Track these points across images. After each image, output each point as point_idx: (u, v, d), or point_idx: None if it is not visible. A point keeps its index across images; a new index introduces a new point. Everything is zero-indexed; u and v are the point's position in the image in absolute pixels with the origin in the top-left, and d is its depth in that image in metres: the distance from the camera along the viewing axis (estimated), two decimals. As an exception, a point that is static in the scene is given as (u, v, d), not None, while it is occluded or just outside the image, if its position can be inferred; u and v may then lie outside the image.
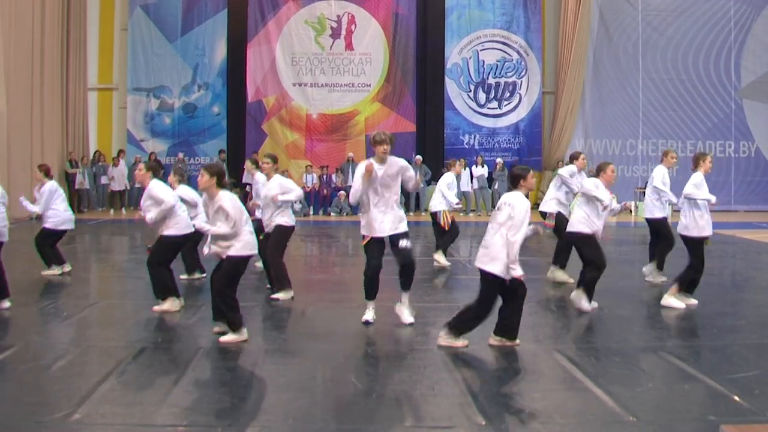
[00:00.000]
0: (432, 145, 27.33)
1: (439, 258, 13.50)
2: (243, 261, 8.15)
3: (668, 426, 5.66)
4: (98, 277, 13.69)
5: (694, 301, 9.98)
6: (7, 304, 9.59)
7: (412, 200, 25.01)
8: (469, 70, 28.00)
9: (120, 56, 27.39)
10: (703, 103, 28.30)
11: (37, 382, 6.61)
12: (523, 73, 27.99)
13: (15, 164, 21.03)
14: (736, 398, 6.27)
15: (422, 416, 5.94)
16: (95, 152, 26.09)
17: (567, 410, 6.11)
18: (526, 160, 27.28)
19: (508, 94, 28.03)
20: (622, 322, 9.27)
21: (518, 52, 27.96)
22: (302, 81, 27.59)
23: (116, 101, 27.55)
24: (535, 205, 26.91)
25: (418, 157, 25.63)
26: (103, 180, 25.42)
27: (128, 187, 25.71)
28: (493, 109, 28.02)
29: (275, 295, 10.26)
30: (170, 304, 9.49)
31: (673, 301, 9.85)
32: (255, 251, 8.37)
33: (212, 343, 8.02)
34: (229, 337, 8.06)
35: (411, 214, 24.30)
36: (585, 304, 9.62)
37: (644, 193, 26.44)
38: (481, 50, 27.98)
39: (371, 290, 8.83)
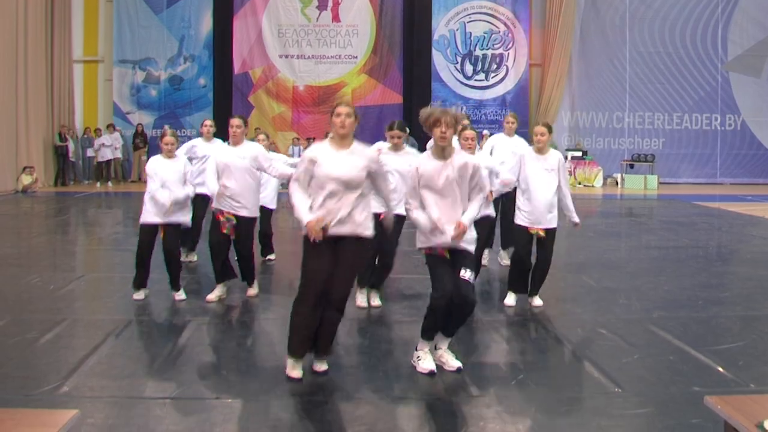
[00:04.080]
0: (419, 116, 27.17)
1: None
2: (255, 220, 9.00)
3: (653, 397, 5.71)
4: (85, 250, 13.66)
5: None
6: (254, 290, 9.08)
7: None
8: (456, 41, 27.90)
9: (105, 28, 27.10)
10: (689, 76, 28.30)
11: (25, 356, 6.60)
12: (510, 45, 27.90)
13: (0, 137, 20.91)
14: (721, 369, 6.33)
15: (414, 388, 5.97)
16: (86, 128, 25.96)
17: (554, 381, 6.15)
18: (513, 132, 27.30)
19: (495, 66, 27.96)
20: (609, 293, 9.32)
21: (505, 24, 27.86)
22: (289, 53, 27.44)
23: (102, 73, 27.30)
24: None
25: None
26: (89, 152, 25.33)
27: (122, 158, 25.83)
28: (480, 81, 27.95)
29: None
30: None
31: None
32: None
33: (200, 316, 8.04)
34: (253, 290, 8.96)
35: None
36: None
37: (631, 165, 26.79)
38: (468, 22, 27.85)
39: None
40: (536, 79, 28.28)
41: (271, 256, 11.14)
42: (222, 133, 10.15)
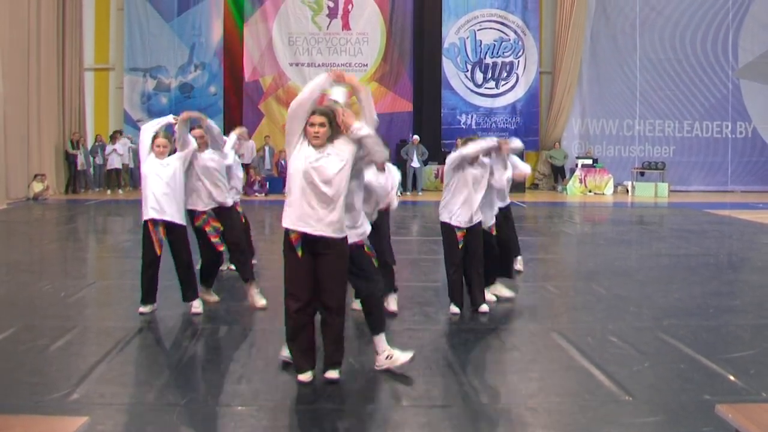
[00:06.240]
0: (429, 124, 27.26)
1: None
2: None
3: (664, 405, 5.69)
4: (96, 258, 13.69)
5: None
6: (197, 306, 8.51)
7: (409, 180, 24.93)
8: (466, 49, 27.89)
9: (116, 36, 27.22)
10: (700, 83, 28.24)
11: (36, 363, 6.61)
12: (520, 53, 27.88)
13: (11, 145, 20.99)
14: (732, 378, 6.30)
15: (419, 396, 5.97)
16: (96, 136, 25.99)
17: (564, 389, 6.14)
18: (523, 140, 27.11)
19: (506, 74, 27.94)
20: (619, 301, 9.30)
21: (515, 32, 27.85)
22: (299, 61, 27.47)
23: (113, 81, 27.40)
24: (533, 185, 27.41)
25: (416, 137, 25.61)
26: (99, 160, 25.36)
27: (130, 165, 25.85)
28: (491, 89, 27.93)
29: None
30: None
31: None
32: None
33: (210, 324, 8.04)
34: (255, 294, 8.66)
35: (408, 194, 24.28)
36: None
37: (642, 173, 26.72)
38: (478, 30, 27.84)
39: None
40: (546, 86, 28.26)
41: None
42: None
